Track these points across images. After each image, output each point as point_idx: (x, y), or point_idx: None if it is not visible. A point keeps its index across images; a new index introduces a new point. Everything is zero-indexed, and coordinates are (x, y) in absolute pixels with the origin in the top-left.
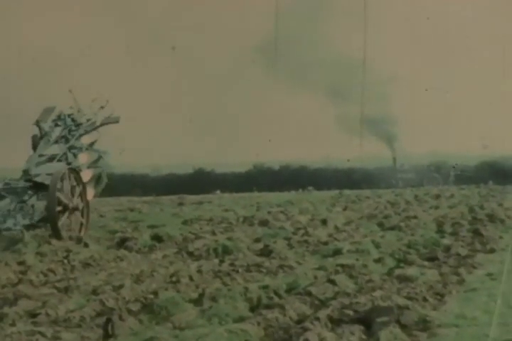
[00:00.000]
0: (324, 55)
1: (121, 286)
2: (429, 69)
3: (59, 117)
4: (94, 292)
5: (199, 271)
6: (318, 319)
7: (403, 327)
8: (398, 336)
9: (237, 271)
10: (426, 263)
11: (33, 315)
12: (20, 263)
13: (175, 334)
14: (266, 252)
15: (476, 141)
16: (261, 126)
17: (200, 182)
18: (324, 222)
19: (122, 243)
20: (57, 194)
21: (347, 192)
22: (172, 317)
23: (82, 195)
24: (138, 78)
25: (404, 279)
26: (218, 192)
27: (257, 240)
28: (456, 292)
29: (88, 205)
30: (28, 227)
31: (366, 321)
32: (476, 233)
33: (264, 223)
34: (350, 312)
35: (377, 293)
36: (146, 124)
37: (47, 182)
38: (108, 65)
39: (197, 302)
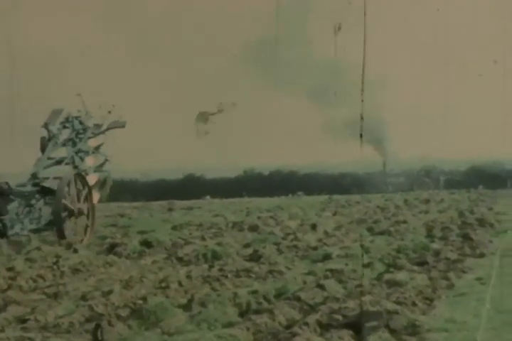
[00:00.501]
0: (312, 57)
1: (110, 292)
2: (421, 72)
3: (67, 120)
4: (84, 298)
5: (188, 277)
6: (307, 324)
7: (392, 331)
8: None
9: (227, 277)
10: (415, 267)
11: (22, 320)
12: (10, 269)
13: (164, 339)
14: (255, 257)
15: (467, 146)
16: (249, 130)
17: (189, 188)
18: (314, 226)
19: (112, 248)
20: (63, 200)
21: (337, 197)
22: (161, 323)
23: (88, 198)
24: (128, 83)
25: (393, 284)
26: (208, 197)
27: (247, 245)
28: (445, 296)
29: (94, 209)
30: (35, 231)
31: (355, 326)
32: (466, 237)
33: (253, 228)
34: (340, 317)
35: (367, 298)
36: (136, 129)
37: (54, 187)
38: (103, 66)
39: (186, 307)
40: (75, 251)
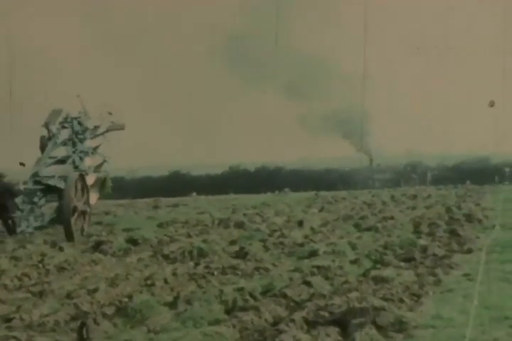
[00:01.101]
0: (293, 53)
1: (95, 290)
2: (406, 66)
3: (66, 120)
4: (69, 296)
5: (174, 274)
6: (293, 321)
7: (379, 328)
8: (374, 337)
9: (213, 274)
10: (402, 264)
11: (7, 319)
12: None
13: (150, 337)
14: (241, 254)
15: (454, 141)
16: (228, 126)
17: (175, 185)
18: (300, 223)
19: (97, 246)
20: (73, 200)
21: (323, 193)
22: (147, 321)
23: (87, 198)
24: (108, 81)
25: (380, 280)
26: (194, 194)
27: (233, 242)
28: (432, 293)
29: (90, 208)
30: (39, 228)
31: (342, 323)
32: (453, 233)
33: (239, 225)
34: (326, 314)
35: (353, 295)
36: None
37: (59, 185)
38: (89, 65)
39: (172, 305)
40: (60, 249)
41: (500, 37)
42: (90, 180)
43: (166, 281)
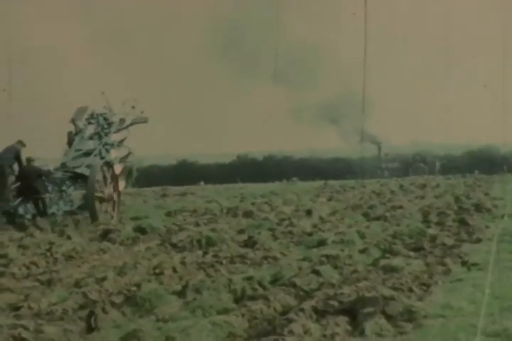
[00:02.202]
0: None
1: (104, 279)
2: (405, 54)
3: (92, 116)
4: (77, 284)
5: (182, 263)
6: (302, 310)
7: (388, 317)
8: (383, 327)
9: (221, 263)
10: (411, 253)
11: (15, 308)
12: (3, 256)
13: (158, 326)
14: (250, 243)
15: (463, 130)
16: (235, 115)
17: (183, 174)
18: (309, 212)
19: (105, 235)
20: (96, 184)
21: (332, 182)
22: (155, 310)
23: (115, 186)
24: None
25: (389, 270)
26: (202, 183)
27: (241, 231)
28: (442, 282)
29: (119, 196)
30: (68, 213)
31: (351, 312)
32: (462, 223)
33: (248, 214)
34: (335, 303)
35: (363, 284)
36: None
37: (86, 173)
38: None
39: (180, 294)
40: (68, 237)
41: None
42: (117, 170)
43: (174, 270)
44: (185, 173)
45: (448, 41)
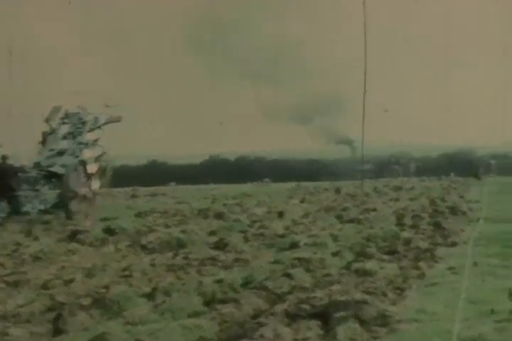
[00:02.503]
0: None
1: (72, 280)
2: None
3: (66, 115)
4: (45, 286)
5: (152, 265)
6: (274, 314)
7: (362, 322)
8: (356, 331)
9: (191, 265)
10: (385, 256)
11: None
12: None
13: (127, 329)
14: (221, 245)
15: (439, 133)
16: (207, 115)
17: (154, 174)
18: (281, 214)
19: (74, 236)
20: (70, 183)
21: (305, 184)
22: (124, 312)
23: (89, 185)
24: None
25: (362, 273)
26: (173, 184)
27: (212, 233)
28: (416, 286)
29: (94, 195)
30: (42, 212)
31: (324, 316)
32: (437, 226)
33: (219, 216)
34: (307, 307)
35: (335, 288)
36: None
37: (60, 172)
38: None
39: (150, 296)
40: (36, 238)
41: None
42: (92, 169)
43: (144, 272)
44: (155, 174)
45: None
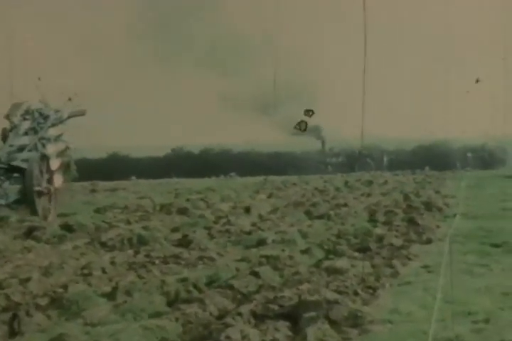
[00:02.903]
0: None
1: (28, 279)
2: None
3: (27, 112)
4: None
5: (112, 263)
6: (240, 314)
7: (332, 323)
8: (327, 332)
9: (154, 263)
10: (357, 254)
11: None
12: None
13: (86, 330)
14: (185, 242)
15: (413, 123)
16: (169, 106)
17: (114, 168)
18: (247, 210)
19: (30, 233)
20: (34, 178)
21: (272, 178)
22: (83, 313)
23: (51, 181)
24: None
25: (333, 271)
26: (134, 178)
27: (175, 229)
28: (389, 285)
29: (56, 191)
30: (3, 207)
31: (292, 316)
32: (411, 222)
33: (182, 211)
34: (275, 307)
35: (305, 287)
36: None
37: (23, 166)
38: None
39: (110, 296)
40: None
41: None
42: (55, 164)
43: (103, 271)
44: (116, 167)
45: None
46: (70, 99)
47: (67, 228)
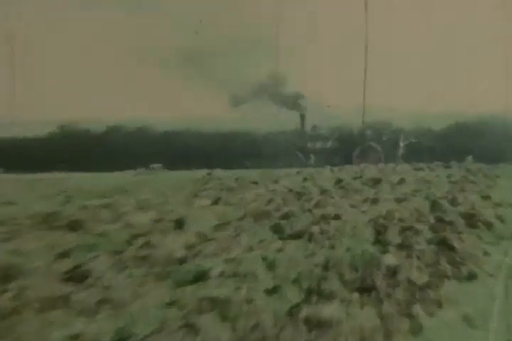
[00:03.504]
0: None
1: None
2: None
3: None
4: None
5: None
6: None
7: None
8: None
9: (30, 308)
10: (355, 296)
11: None
12: None
13: None
14: (77, 276)
15: (446, 91)
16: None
17: None
18: (180, 224)
19: None
20: None
21: (220, 172)
22: None
23: None
24: None
25: (316, 325)
26: None
27: (63, 255)
28: None
29: None
30: None
31: None
32: (444, 246)
33: (75, 226)
34: None
35: None
36: None
37: None
38: None
39: None
40: None
41: None
42: None
43: None
44: None
45: None
46: None
47: None
